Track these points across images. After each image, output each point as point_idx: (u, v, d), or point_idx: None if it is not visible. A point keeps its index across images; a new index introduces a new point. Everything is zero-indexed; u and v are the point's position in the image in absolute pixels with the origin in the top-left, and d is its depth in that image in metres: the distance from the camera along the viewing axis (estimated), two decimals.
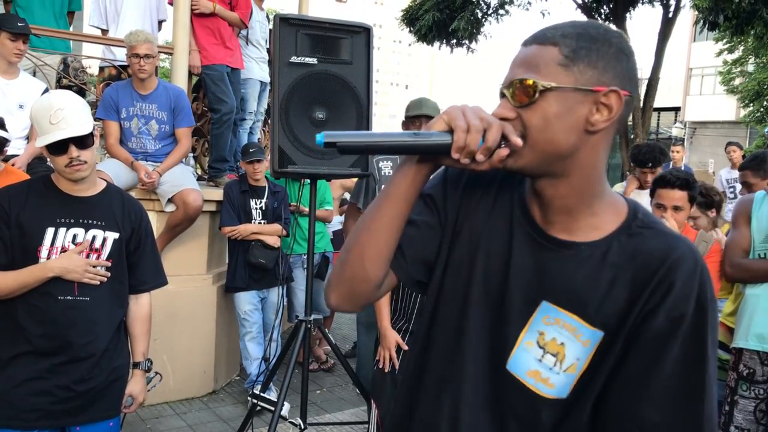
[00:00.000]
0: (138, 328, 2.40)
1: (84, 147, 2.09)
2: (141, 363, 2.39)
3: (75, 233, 2.15)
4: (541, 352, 1.08)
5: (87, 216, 2.18)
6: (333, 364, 5.21)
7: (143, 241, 2.33)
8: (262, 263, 4.36)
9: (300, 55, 2.93)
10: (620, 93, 1.02)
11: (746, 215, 2.75)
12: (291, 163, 2.96)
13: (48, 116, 2.03)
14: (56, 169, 2.13)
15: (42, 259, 2.09)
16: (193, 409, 4.27)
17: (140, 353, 2.40)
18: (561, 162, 1.04)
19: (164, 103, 4.25)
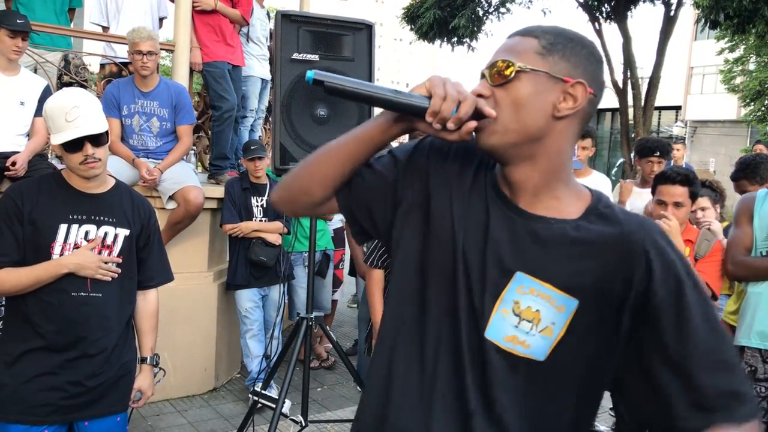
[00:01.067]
0: (146, 323, 2.43)
1: (99, 145, 2.11)
2: (149, 358, 2.42)
3: (87, 230, 2.17)
4: (517, 319, 1.14)
5: (99, 213, 2.19)
6: (334, 361, 5.21)
7: (152, 237, 2.37)
8: (263, 261, 4.35)
9: (302, 51, 2.93)
10: (586, 87, 1.12)
11: (748, 213, 2.74)
12: (293, 160, 2.96)
13: (64, 114, 2.04)
14: (70, 167, 2.15)
15: (55, 255, 2.11)
16: (194, 406, 4.27)
17: (148, 348, 2.42)
18: (528, 145, 1.12)
19: (165, 100, 4.25)
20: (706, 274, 2.83)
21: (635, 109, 13.11)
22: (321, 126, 3.01)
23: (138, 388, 2.37)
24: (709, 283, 2.82)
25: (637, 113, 13.00)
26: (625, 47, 13.04)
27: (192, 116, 4.42)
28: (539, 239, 1.13)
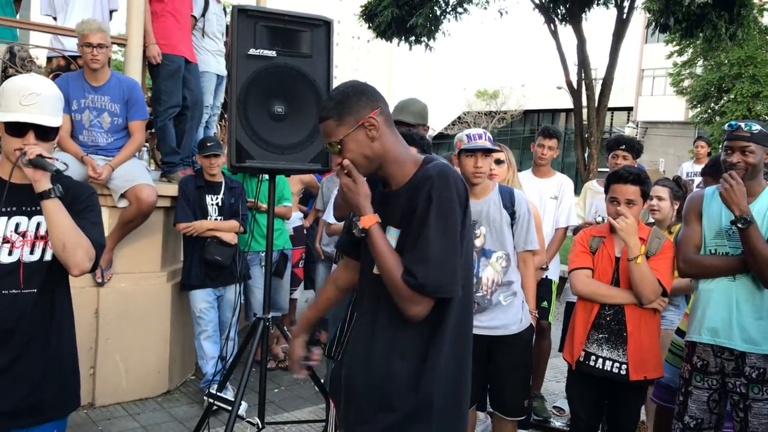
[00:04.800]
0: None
1: (44, 140, 2.02)
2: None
3: (18, 222, 2.05)
4: None
5: (30, 203, 2.05)
6: None
7: (84, 214, 2.12)
8: (218, 260, 4.27)
9: (259, 47, 2.88)
10: (372, 114, 1.82)
11: (697, 211, 2.80)
12: (249, 158, 2.91)
13: (20, 96, 1.96)
14: (3, 151, 2.04)
15: None
16: (147, 409, 4.16)
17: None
18: (376, 162, 1.87)
19: (117, 95, 4.12)
20: (657, 270, 2.89)
21: (589, 110, 13.36)
22: (278, 123, 2.97)
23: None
24: (661, 280, 2.88)
25: (591, 114, 13.25)
26: (580, 49, 13.27)
27: (145, 112, 4.30)
28: (392, 203, 1.89)
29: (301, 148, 2.99)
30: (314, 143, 3.01)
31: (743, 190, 2.53)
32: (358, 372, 1.93)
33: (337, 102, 1.82)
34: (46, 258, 2.07)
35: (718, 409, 2.71)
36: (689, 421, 2.73)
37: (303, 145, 3.00)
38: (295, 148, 3.00)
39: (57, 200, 1.98)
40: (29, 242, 2.05)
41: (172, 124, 4.91)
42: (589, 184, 4.76)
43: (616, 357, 2.95)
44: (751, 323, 2.59)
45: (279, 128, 2.97)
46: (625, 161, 4.21)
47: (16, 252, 2.03)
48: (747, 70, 23.05)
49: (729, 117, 23.40)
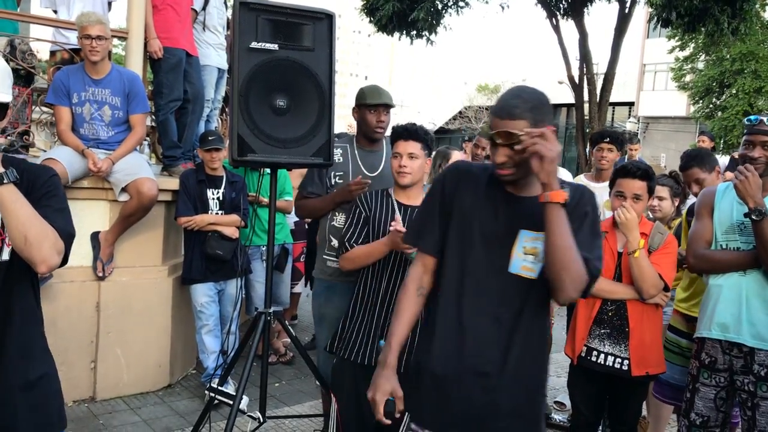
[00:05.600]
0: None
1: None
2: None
3: None
4: (525, 256, 1.90)
5: None
6: (292, 356, 5.15)
7: (43, 201, 1.81)
8: (219, 255, 4.27)
9: (260, 40, 2.86)
10: (551, 126, 1.83)
11: (709, 207, 2.79)
12: (251, 152, 2.89)
13: None
14: None
15: None
16: (148, 403, 4.16)
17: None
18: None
19: (118, 88, 4.11)
20: (659, 265, 2.88)
21: (590, 105, 13.32)
22: (280, 117, 2.95)
23: None
24: (662, 275, 2.87)
25: (592, 108, 13.20)
26: (582, 43, 13.23)
27: (146, 105, 4.29)
28: (527, 208, 1.90)
29: (303, 142, 2.98)
30: (316, 137, 2.99)
31: (759, 182, 2.51)
32: (493, 379, 1.90)
33: (532, 106, 1.82)
34: (2, 258, 1.79)
35: (725, 407, 2.70)
36: (695, 419, 2.72)
37: (305, 139, 2.98)
38: (297, 142, 2.98)
39: (11, 186, 1.68)
40: None
41: (174, 118, 4.90)
42: (578, 178, 4.73)
43: (618, 352, 2.94)
44: (761, 319, 2.57)
45: (281, 122, 2.95)
46: (610, 153, 4.22)
47: None
48: (749, 65, 22.99)
49: (730, 112, 23.37)
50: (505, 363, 1.90)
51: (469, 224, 1.95)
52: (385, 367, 1.98)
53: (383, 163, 3.28)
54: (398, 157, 2.84)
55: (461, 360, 1.92)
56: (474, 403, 1.91)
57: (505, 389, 1.91)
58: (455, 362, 1.93)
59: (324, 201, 3.22)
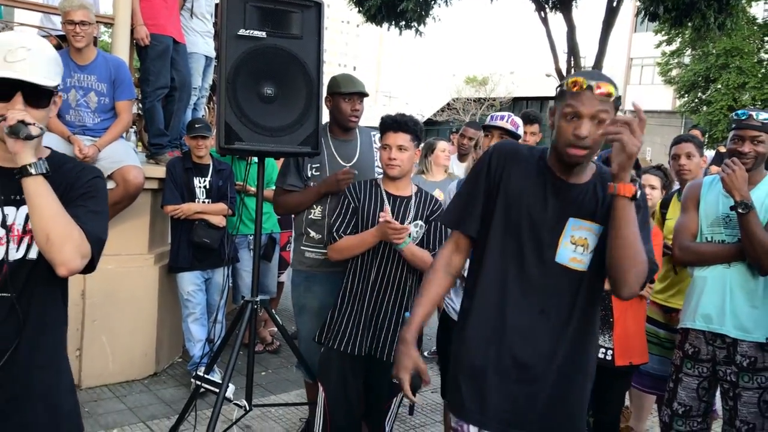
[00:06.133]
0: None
1: (36, 105, 1.64)
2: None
3: (6, 213, 1.70)
4: (573, 246, 1.86)
5: (20, 190, 1.63)
6: (279, 345, 5.16)
7: (78, 201, 1.73)
8: (206, 243, 4.25)
9: (248, 28, 2.84)
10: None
11: (695, 199, 2.82)
12: (238, 140, 2.89)
13: (5, 51, 1.59)
14: None
15: None
16: (133, 391, 4.15)
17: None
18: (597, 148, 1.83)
19: (104, 74, 4.07)
20: None
21: None
22: (268, 105, 2.94)
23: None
24: None
25: None
26: (570, 36, 13.28)
27: (132, 91, 4.26)
28: (578, 196, 1.88)
29: (290, 130, 2.97)
30: (304, 126, 2.98)
31: (745, 176, 2.55)
32: (537, 372, 1.87)
33: (616, 87, 1.79)
34: (30, 256, 1.70)
35: (707, 397, 2.74)
36: (678, 408, 2.77)
37: (292, 128, 2.97)
38: (285, 131, 2.97)
39: (40, 178, 1.59)
40: (16, 237, 1.69)
41: (160, 106, 4.87)
42: None
43: (602, 342, 2.97)
44: (744, 310, 2.61)
45: (268, 110, 2.94)
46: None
47: (0, 249, 1.68)
48: (733, 60, 23.17)
49: (715, 107, 23.55)
50: (551, 357, 1.86)
51: (517, 209, 1.88)
52: (403, 343, 1.94)
53: (358, 152, 3.28)
54: (387, 148, 2.82)
55: (501, 351, 1.87)
56: (516, 397, 1.87)
57: (550, 383, 1.86)
58: (494, 353, 1.88)
59: (306, 195, 3.17)
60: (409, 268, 2.83)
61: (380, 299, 2.84)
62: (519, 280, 1.87)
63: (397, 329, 2.83)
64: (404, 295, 2.85)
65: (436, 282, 2.00)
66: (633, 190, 1.71)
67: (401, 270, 2.83)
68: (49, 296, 1.76)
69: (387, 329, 2.83)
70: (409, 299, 2.87)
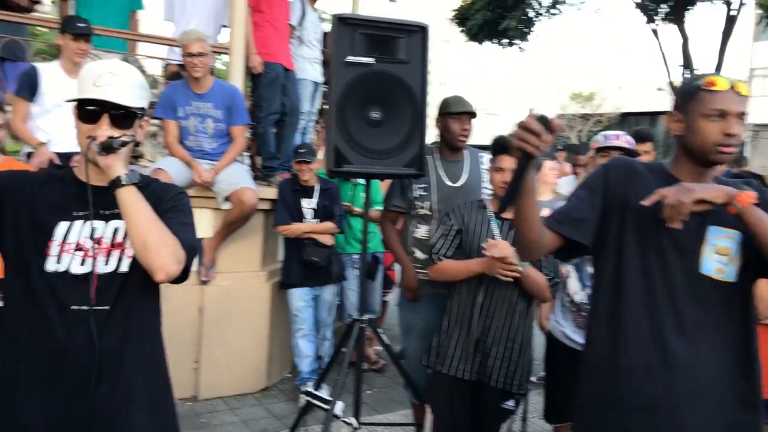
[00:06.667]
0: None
1: (121, 126, 1.71)
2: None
3: (93, 227, 1.73)
4: (717, 256, 1.78)
5: (108, 206, 1.72)
6: (384, 364, 5.20)
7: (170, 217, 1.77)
8: (314, 261, 4.39)
9: (357, 54, 2.93)
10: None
11: None
12: (347, 163, 2.97)
13: (94, 77, 1.69)
14: (78, 142, 1.75)
15: (51, 257, 1.69)
16: (246, 404, 4.32)
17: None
18: None
19: (219, 101, 4.32)
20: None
21: None
22: (374, 129, 3.01)
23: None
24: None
25: None
26: (684, 48, 12.68)
27: (246, 117, 4.49)
28: None
29: (396, 152, 3.03)
30: (409, 148, 3.03)
31: None
32: (712, 398, 1.76)
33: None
34: (121, 269, 1.74)
35: None
36: None
37: (398, 150, 3.03)
38: (391, 153, 3.03)
39: (132, 188, 1.65)
40: (105, 250, 1.73)
41: (272, 130, 5.09)
42: None
43: None
44: None
45: (375, 133, 3.01)
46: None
47: (89, 262, 1.71)
48: None
49: None
50: (717, 379, 1.76)
51: (652, 224, 1.79)
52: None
53: (465, 173, 3.28)
54: (501, 171, 2.80)
55: (671, 382, 1.76)
56: (690, 429, 1.75)
57: (723, 408, 1.76)
58: (663, 387, 1.76)
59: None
60: (519, 291, 2.78)
61: (488, 323, 2.80)
62: (669, 299, 1.78)
63: (505, 354, 2.79)
64: (513, 319, 2.80)
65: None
66: (753, 196, 1.66)
67: (510, 293, 2.79)
68: (144, 309, 1.81)
69: (495, 355, 2.79)
70: (519, 323, 2.81)
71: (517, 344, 2.81)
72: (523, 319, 2.84)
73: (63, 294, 1.67)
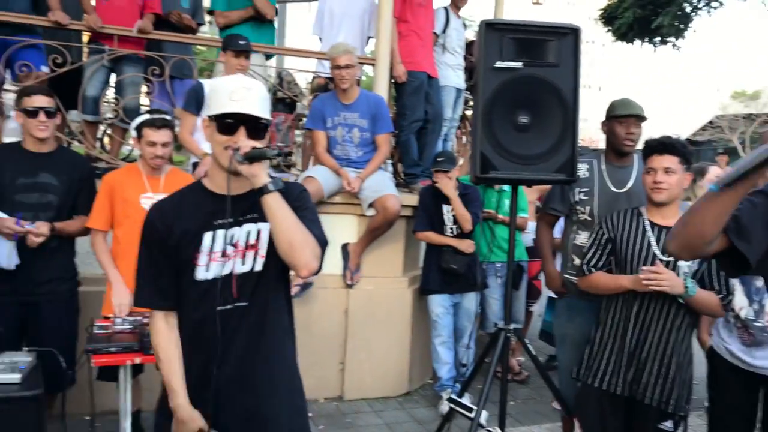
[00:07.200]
0: None
1: (255, 137, 1.84)
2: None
3: (232, 233, 1.89)
4: None
5: (240, 212, 1.90)
6: (527, 375, 5.07)
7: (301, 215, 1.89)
8: (453, 269, 4.37)
9: (505, 59, 2.89)
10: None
11: None
12: (493, 169, 2.94)
13: (230, 91, 1.84)
14: (214, 153, 1.89)
15: (200, 266, 1.87)
16: (389, 408, 4.39)
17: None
18: None
19: (365, 111, 4.44)
20: None
21: None
22: (522, 133, 2.95)
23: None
24: None
25: None
26: None
27: (390, 125, 4.57)
28: None
29: (545, 158, 2.95)
30: (559, 153, 2.94)
31: None
32: None
33: None
34: (256, 268, 1.90)
35: None
36: None
37: (547, 155, 2.95)
38: (539, 159, 2.96)
39: (276, 194, 1.78)
40: (240, 252, 1.90)
41: (415, 138, 5.15)
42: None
43: None
44: None
45: (523, 139, 2.96)
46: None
47: (229, 264, 1.89)
48: None
49: None
50: None
51: None
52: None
53: (633, 178, 3.10)
54: (652, 172, 2.65)
55: None
56: None
57: None
58: None
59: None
60: (678, 303, 2.60)
61: (643, 336, 2.65)
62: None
63: (661, 370, 2.62)
64: (670, 334, 2.63)
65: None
66: None
67: (668, 305, 2.62)
68: (277, 305, 1.97)
69: (650, 370, 2.63)
70: (678, 338, 2.63)
71: (674, 360, 2.63)
72: (683, 333, 2.65)
73: (211, 296, 1.86)
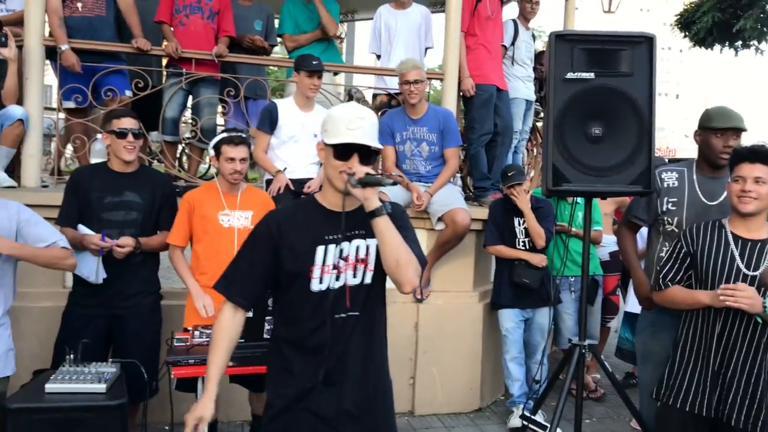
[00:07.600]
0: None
1: (366, 163, 2.00)
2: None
3: (342, 248, 2.06)
4: None
5: (350, 228, 2.06)
6: (603, 393, 4.92)
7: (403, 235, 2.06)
8: (525, 283, 4.31)
9: (576, 70, 2.86)
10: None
11: None
12: (565, 181, 2.90)
13: (347, 122, 2.00)
14: (328, 175, 2.06)
15: (314, 279, 2.04)
16: (460, 424, 4.35)
17: None
18: None
19: (434, 125, 4.46)
20: None
21: None
22: (595, 145, 2.91)
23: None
24: None
25: None
26: None
27: (458, 139, 4.57)
28: None
29: (620, 169, 2.89)
30: (635, 164, 2.87)
31: None
32: None
33: None
34: (366, 281, 2.09)
35: None
36: None
37: (622, 167, 2.89)
38: (614, 170, 2.90)
39: (387, 217, 1.95)
40: (351, 266, 2.08)
41: (484, 151, 5.12)
42: None
43: None
44: None
45: (596, 150, 2.91)
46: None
47: (342, 277, 2.07)
48: None
49: None
50: None
51: None
52: None
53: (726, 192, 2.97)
54: (741, 180, 2.54)
55: None
56: None
57: None
58: None
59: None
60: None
61: (727, 354, 2.53)
62: None
63: (748, 391, 2.50)
64: (757, 353, 2.51)
65: None
66: None
67: (753, 323, 2.50)
68: (381, 316, 2.18)
69: (736, 390, 2.51)
70: (764, 357, 2.51)
71: (763, 379, 2.50)
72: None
73: (326, 306, 2.03)
